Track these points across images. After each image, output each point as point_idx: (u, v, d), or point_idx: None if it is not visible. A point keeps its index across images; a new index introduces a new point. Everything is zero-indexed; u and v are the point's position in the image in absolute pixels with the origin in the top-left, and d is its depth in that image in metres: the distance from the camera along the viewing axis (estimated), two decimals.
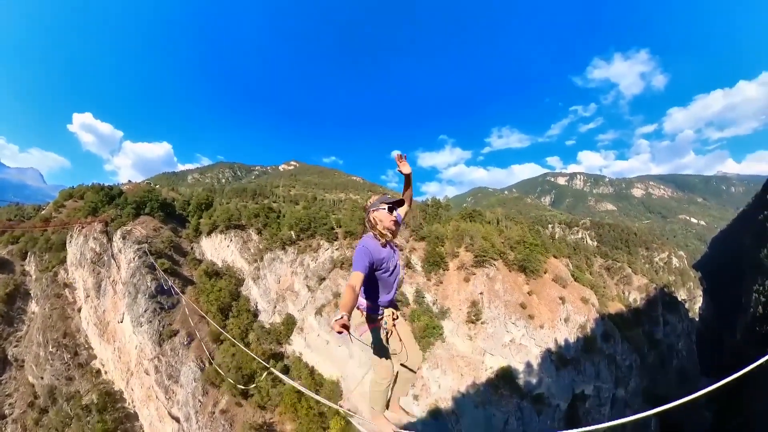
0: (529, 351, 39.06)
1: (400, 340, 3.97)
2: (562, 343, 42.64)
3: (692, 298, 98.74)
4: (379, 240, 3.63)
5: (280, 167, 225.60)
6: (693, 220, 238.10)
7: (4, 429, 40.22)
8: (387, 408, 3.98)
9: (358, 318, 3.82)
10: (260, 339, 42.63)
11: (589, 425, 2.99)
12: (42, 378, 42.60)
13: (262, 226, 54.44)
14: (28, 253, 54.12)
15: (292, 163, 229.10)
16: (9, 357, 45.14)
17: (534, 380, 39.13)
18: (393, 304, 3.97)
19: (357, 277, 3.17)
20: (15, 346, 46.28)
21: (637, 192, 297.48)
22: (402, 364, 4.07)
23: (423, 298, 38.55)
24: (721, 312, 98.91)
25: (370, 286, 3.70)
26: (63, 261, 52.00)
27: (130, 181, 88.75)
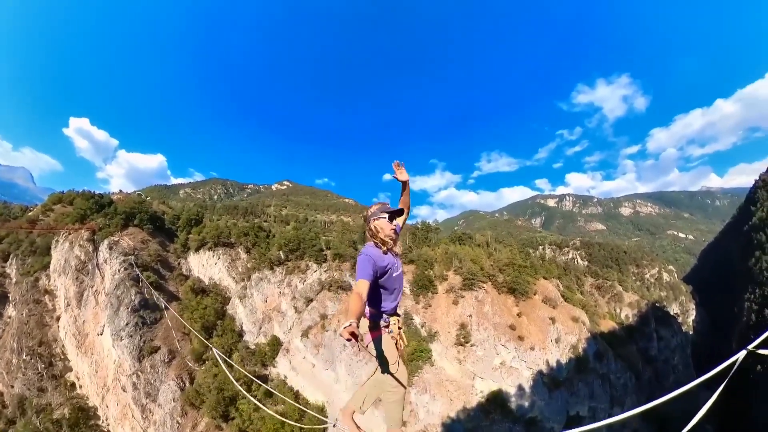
0: (520, 374, 38.48)
1: (399, 351, 3.86)
2: (554, 364, 42.16)
3: (685, 311, 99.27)
4: (381, 248, 3.65)
5: (272, 187, 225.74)
6: (681, 234, 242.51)
7: None
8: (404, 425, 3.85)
9: (364, 327, 3.74)
10: (244, 360, 41.67)
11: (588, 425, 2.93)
12: (12, 387, 40.88)
13: (251, 244, 54.15)
14: (11, 255, 52.82)
15: (285, 182, 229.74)
16: None
17: (526, 403, 38.39)
18: (396, 312, 3.93)
19: (363, 285, 3.16)
20: None
21: (625, 211, 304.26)
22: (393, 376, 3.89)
23: (411, 320, 38.10)
24: (715, 323, 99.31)
25: (374, 294, 3.67)
26: (46, 267, 50.83)
27: (121, 190, 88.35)
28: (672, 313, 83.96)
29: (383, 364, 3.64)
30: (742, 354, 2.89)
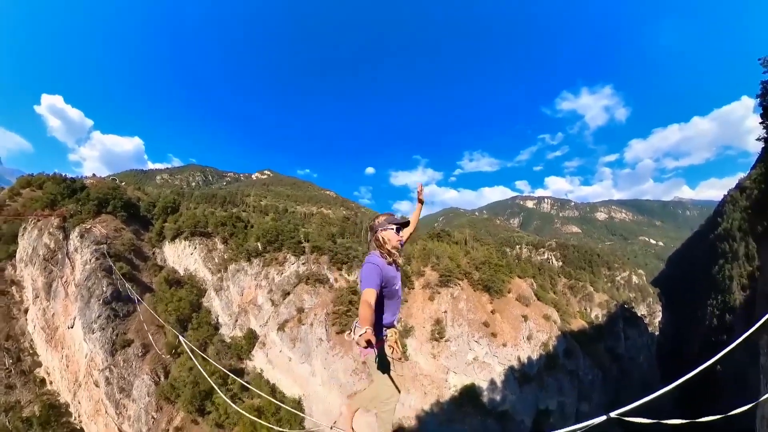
0: (492, 369, 39.49)
1: (396, 357, 3.91)
2: (525, 360, 43.44)
3: (652, 313, 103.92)
4: (387, 259, 3.66)
5: (253, 176, 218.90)
6: (652, 241, 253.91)
7: None
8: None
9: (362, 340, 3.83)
10: (220, 353, 40.86)
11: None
12: None
13: (228, 235, 52.96)
14: None
15: (266, 172, 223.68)
16: None
17: (498, 397, 39.43)
18: (393, 324, 3.95)
19: (371, 294, 3.16)
20: None
21: (601, 216, 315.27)
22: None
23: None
24: (679, 325, 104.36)
25: (377, 305, 3.57)
26: (12, 255, 48.00)
27: (94, 175, 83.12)
28: (639, 314, 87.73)
29: (378, 378, 3.68)
30: (601, 418, 2.98)
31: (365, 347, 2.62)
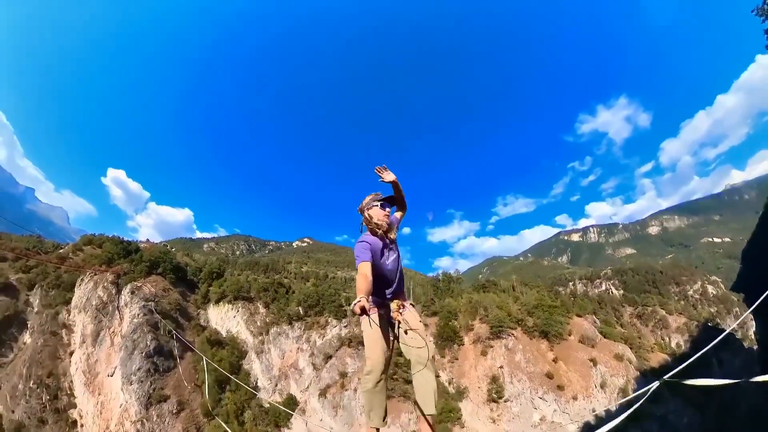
0: (564, 429, 34.57)
1: (406, 332, 3.75)
2: (602, 412, 37.98)
3: (743, 324, 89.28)
4: (377, 232, 3.89)
5: (293, 244, 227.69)
6: (716, 240, 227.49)
7: None
8: (385, 421, 3.51)
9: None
10: (256, 419, 39.12)
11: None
12: (13, 412, 40.05)
13: (270, 300, 54.29)
14: (36, 286, 54.05)
15: (306, 240, 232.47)
16: None
17: None
18: (398, 296, 4.00)
19: (365, 266, 3.41)
20: None
21: (653, 229, 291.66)
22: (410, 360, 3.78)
23: (437, 377, 35.60)
24: None
25: (376, 279, 3.69)
26: (68, 302, 52.03)
27: (148, 240, 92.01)
28: (728, 330, 76.17)
29: (367, 347, 3.62)
30: (655, 384, 2.97)
31: (360, 314, 2.82)
